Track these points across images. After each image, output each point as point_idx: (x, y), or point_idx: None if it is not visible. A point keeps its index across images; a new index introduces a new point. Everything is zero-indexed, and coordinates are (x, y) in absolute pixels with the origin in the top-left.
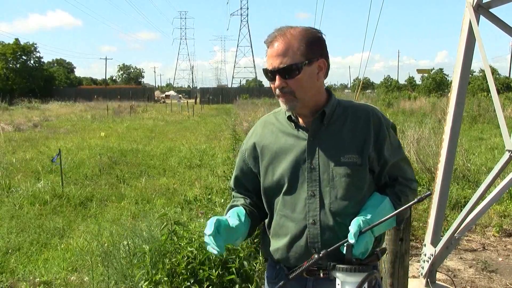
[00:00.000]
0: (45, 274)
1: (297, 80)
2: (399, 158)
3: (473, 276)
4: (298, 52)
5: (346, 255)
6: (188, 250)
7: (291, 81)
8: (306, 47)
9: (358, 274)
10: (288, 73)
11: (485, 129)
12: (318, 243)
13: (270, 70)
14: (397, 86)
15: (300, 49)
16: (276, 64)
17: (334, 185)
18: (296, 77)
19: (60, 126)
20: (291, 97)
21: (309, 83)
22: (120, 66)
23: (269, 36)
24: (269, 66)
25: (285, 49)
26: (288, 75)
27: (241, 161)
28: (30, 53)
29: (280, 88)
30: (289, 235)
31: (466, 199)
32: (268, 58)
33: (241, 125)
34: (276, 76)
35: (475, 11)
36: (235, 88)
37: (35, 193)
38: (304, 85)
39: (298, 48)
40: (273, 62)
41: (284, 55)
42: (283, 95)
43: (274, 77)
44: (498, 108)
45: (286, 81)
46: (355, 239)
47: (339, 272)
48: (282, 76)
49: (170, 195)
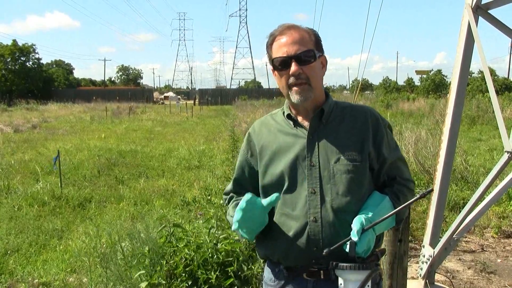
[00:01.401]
0: (44, 275)
1: (312, 67)
2: (397, 158)
3: (472, 277)
4: (311, 42)
5: (350, 252)
6: (185, 252)
7: (307, 68)
8: (315, 40)
9: (361, 272)
10: (305, 59)
11: (484, 130)
12: (320, 241)
13: (285, 57)
14: (396, 87)
15: (312, 40)
16: (292, 51)
17: (335, 182)
18: (311, 64)
19: (59, 127)
20: (306, 85)
21: (320, 73)
22: (119, 67)
23: (278, 30)
24: (283, 53)
25: (300, 38)
26: (305, 61)
27: (243, 160)
28: (28, 54)
29: (296, 75)
30: (290, 233)
31: (464, 200)
32: (281, 47)
33: (240, 126)
34: (291, 63)
35: (474, 12)
36: (234, 89)
37: (34, 194)
38: (317, 74)
39: (310, 39)
40: (288, 50)
41: (300, 43)
42: (299, 84)
43: (287, 66)
44: (497, 109)
45: (302, 67)
46: (358, 237)
47: (342, 270)
48: (299, 62)
49: (169, 196)
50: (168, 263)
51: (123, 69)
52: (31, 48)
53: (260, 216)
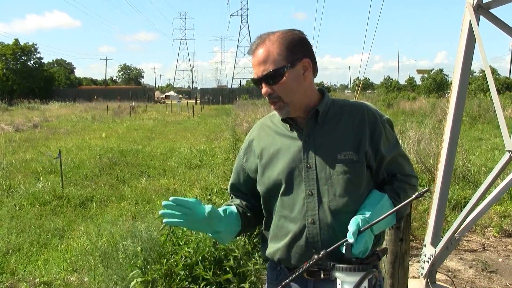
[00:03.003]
0: (45, 274)
1: (281, 84)
2: (396, 154)
3: (473, 277)
4: (278, 57)
5: (346, 254)
6: (185, 250)
7: (276, 87)
8: (286, 50)
9: (357, 274)
10: (271, 79)
11: (485, 130)
12: (318, 242)
13: (254, 79)
14: (397, 87)
15: (280, 53)
16: (259, 72)
17: (332, 183)
18: (280, 82)
19: (60, 126)
20: (280, 103)
21: (295, 85)
22: (120, 67)
23: (251, 45)
24: (254, 75)
25: (265, 56)
26: (272, 81)
27: (239, 166)
28: (30, 54)
29: (267, 95)
30: (289, 236)
31: (466, 199)
32: (253, 67)
33: (241, 125)
34: (262, 84)
35: (475, 11)
36: (235, 88)
37: (35, 193)
38: (290, 88)
39: (278, 53)
40: (257, 71)
41: (265, 62)
42: (272, 102)
43: (260, 86)
44: (498, 109)
45: (271, 87)
46: (354, 238)
47: (339, 271)
48: (267, 82)
49: (170, 195)
50: (168, 261)
51: (124, 68)
52: (33, 48)
53: (202, 223)
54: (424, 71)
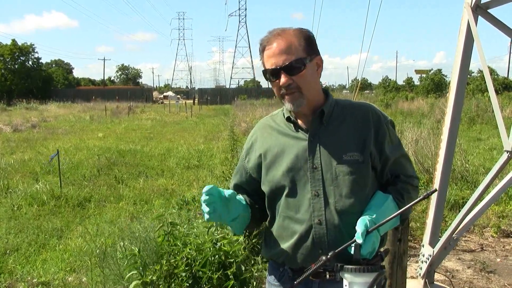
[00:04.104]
0: (43, 274)
1: (302, 75)
2: (400, 155)
3: (471, 277)
4: (300, 48)
5: (354, 255)
6: (187, 252)
7: (297, 77)
8: (305, 44)
9: (366, 274)
10: (294, 69)
11: (484, 130)
12: (325, 243)
13: (274, 69)
14: (396, 87)
15: (302, 45)
16: (280, 62)
17: (338, 184)
18: (301, 73)
19: (58, 126)
20: (297, 94)
21: (312, 78)
22: (118, 67)
23: (265, 38)
24: (271, 65)
25: (287, 46)
26: (294, 72)
27: (241, 166)
28: (28, 54)
29: (286, 86)
30: (295, 237)
31: (464, 199)
32: (269, 58)
33: (239, 125)
34: (280, 74)
35: (473, 11)
36: (233, 88)
37: (34, 194)
38: (309, 81)
39: (299, 44)
40: (276, 61)
41: (287, 52)
42: (290, 93)
43: (277, 76)
44: (496, 109)
45: (292, 77)
46: (363, 239)
47: (348, 272)
48: (288, 73)
49: (168, 195)
50: (168, 262)
51: (122, 69)
52: (31, 48)
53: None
54: (422, 71)
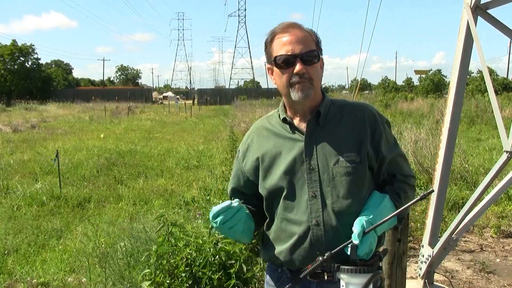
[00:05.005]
0: (43, 275)
1: (315, 67)
2: (396, 154)
3: (471, 277)
4: (313, 42)
5: (351, 256)
6: (187, 252)
7: (311, 68)
8: (317, 40)
9: (363, 275)
10: (310, 59)
11: (483, 130)
12: (323, 244)
13: (290, 55)
14: (395, 87)
15: (314, 40)
16: (297, 49)
17: (335, 185)
18: (315, 64)
19: (58, 127)
20: (308, 84)
21: (320, 74)
22: (118, 67)
23: (279, 27)
24: (286, 51)
25: (304, 37)
26: (310, 61)
27: (239, 170)
28: (27, 54)
29: (300, 74)
30: (293, 238)
31: (464, 200)
32: (284, 45)
33: (239, 126)
34: (295, 62)
35: (473, 12)
36: (232, 89)
37: (33, 194)
38: (319, 74)
39: (312, 39)
40: (293, 48)
41: (304, 42)
42: (302, 82)
43: (290, 64)
44: (496, 109)
45: (306, 67)
46: (359, 240)
47: (344, 273)
48: (304, 62)
49: (168, 196)
50: (168, 262)
51: (122, 69)
52: (30, 48)
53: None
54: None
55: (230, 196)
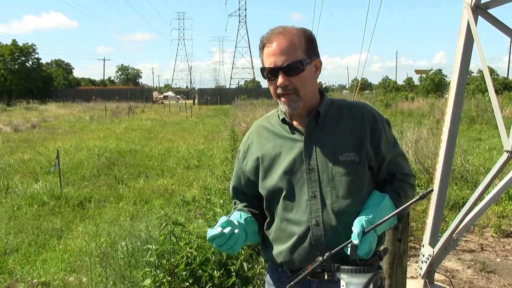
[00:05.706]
0: (43, 275)
1: (301, 77)
2: (396, 154)
3: (472, 277)
4: (300, 49)
5: (351, 256)
6: (187, 251)
7: (295, 79)
8: (306, 45)
9: (363, 275)
10: (292, 70)
11: (484, 130)
12: (323, 244)
13: (272, 68)
14: (395, 87)
15: (303, 46)
16: (279, 61)
17: (335, 185)
18: (300, 74)
19: (58, 127)
20: (294, 96)
21: (310, 80)
22: (118, 67)
23: (266, 35)
24: (270, 64)
25: (287, 46)
26: (292, 73)
27: (239, 169)
28: (28, 54)
29: (283, 86)
30: (292, 238)
31: (464, 199)
32: (268, 56)
33: (239, 125)
34: (278, 74)
35: (473, 11)
36: (233, 89)
37: (33, 194)
38: (306, 83)
39: (300, 45)
40: (275, 60)
41: (287, 52)
42: (286, 95)
43: (275, 76)
44: (496, 109)
45: (289, 78)
46: (359, 239)
47: (344, 273)
48: (286, 73)
49: (168, 196)
50: (169, 261)
51: (122, 69)
52: (31, 48)
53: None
54: (422, 71)
55: (231, 196)
